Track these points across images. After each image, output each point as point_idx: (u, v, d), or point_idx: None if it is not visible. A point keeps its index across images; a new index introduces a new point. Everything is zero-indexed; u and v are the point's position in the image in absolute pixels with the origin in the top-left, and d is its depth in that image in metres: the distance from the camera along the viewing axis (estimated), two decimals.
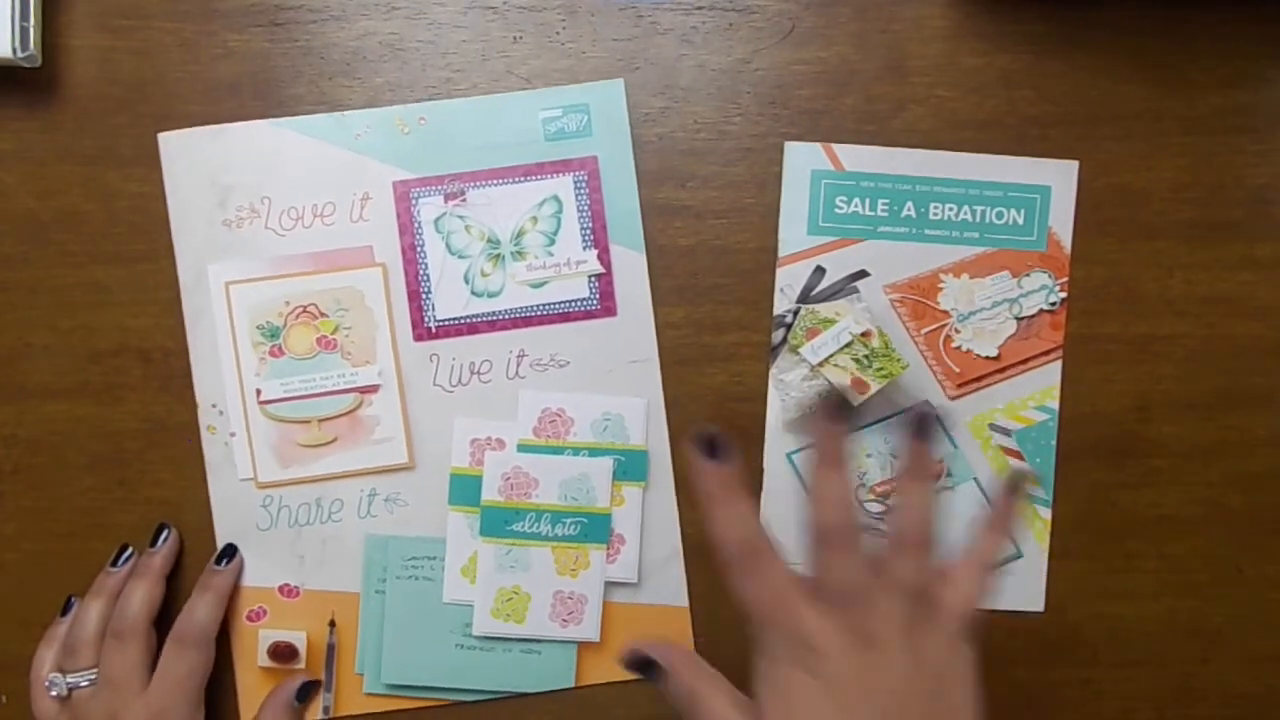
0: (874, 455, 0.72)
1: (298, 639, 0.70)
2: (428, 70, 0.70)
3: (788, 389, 0.71)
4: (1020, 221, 0.71)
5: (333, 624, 0.71)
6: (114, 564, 0.70)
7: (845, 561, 0.52)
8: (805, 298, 0.71)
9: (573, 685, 0.71)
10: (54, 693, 0.67)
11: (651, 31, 0.71)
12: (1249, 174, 0.72)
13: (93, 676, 0.67)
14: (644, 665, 0.55)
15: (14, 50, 0.66)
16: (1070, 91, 0.71)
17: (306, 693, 0.70)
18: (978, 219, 0.71)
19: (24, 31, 0.67)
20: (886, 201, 0.71)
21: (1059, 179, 0.71)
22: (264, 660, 0.70)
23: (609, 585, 0.71)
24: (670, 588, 0.72)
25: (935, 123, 0.71)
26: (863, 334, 0.69)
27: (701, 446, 0.53)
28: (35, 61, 0.68)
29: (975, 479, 0.72)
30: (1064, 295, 0.71)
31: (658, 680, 0.55)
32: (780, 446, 0.72)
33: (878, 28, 0.71)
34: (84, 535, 0.71)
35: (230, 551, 0.70)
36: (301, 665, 0.71)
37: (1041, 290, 0.71)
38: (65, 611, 0.71)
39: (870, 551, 0.53)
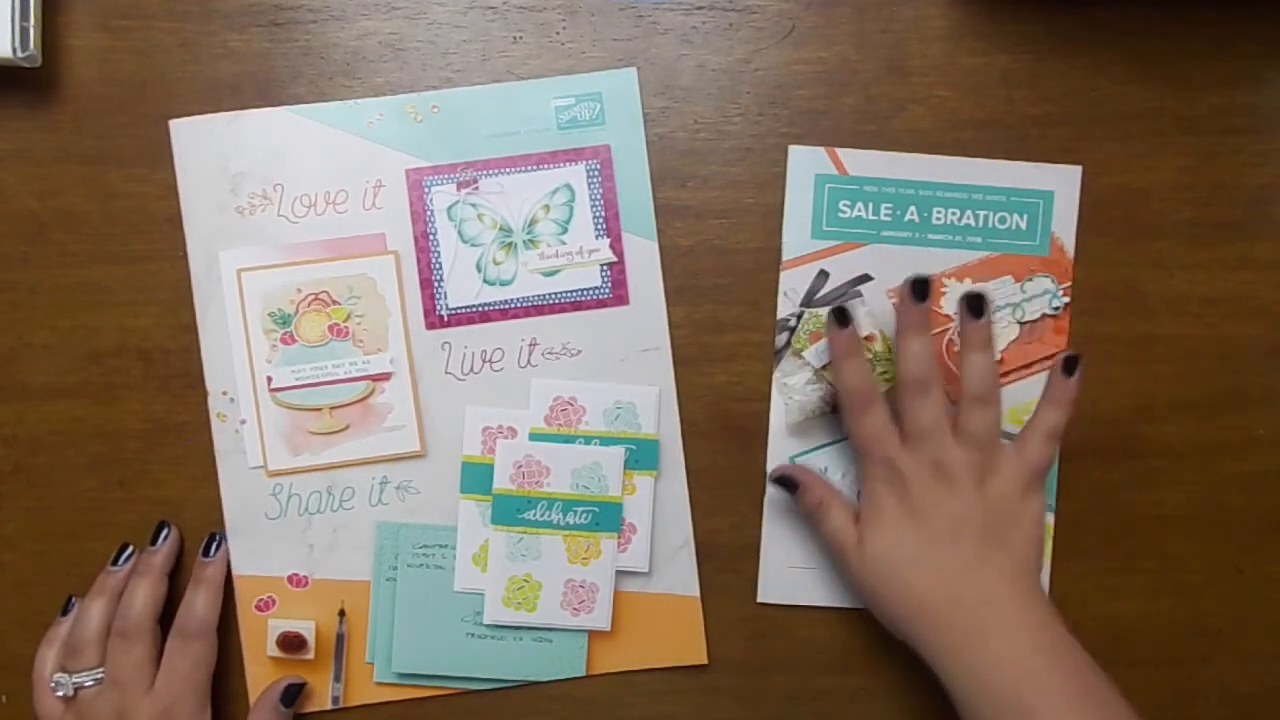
0: None
1: (306, 629, 0.70)
2: (428, 70, 0.70)
3: (791, 393, 0.71)
4: (1023, 226, 0.71)
5: (342, 613, 0.71)
6: (115, 563, 0.70)
7: (926, 405, 0.66)
8: (809, 301, 0.71)
9: (584, 674, 0.72)
10: (60, 693, 0.67)
11: (651, 31, 0.71)
12: (1249, 174, 0.72)
13: (98, 676, 0.67)
14: (787, 482, 0.70)
15: (14, 50, 0.66)
16: (1070, 91, 0.71)
17: (292, 696, 0.70)
18: (980, 224, 0.71)
19: (24, 31, 0.67)
20: (890, 206, 0.71)
21: (1062, 184, 0.71)
22: (273, 650, 0.70)
23: (620, 574, 0.71)
24: (681, 577, 0.72)
25: (935, 123, 0.71)
26: (866, 338, 0.69)
27: (831, 317, 0.67)
28: (35, 61, 0.68)
29: None
30: (1067, 300, 0.71)
31: (795, 493, 0.70)
32: (784, 449, 0.72)
33: (878, 28, 0.71)
34: (84, 535, 0.71)
35: (216, 541, 0.71)
36: (310, 655, 0.71)
37: (1045, 295, 0.71)
38: (65, 611, 0.71)
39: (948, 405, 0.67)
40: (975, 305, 0.66)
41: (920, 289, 0.66)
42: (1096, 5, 0.71)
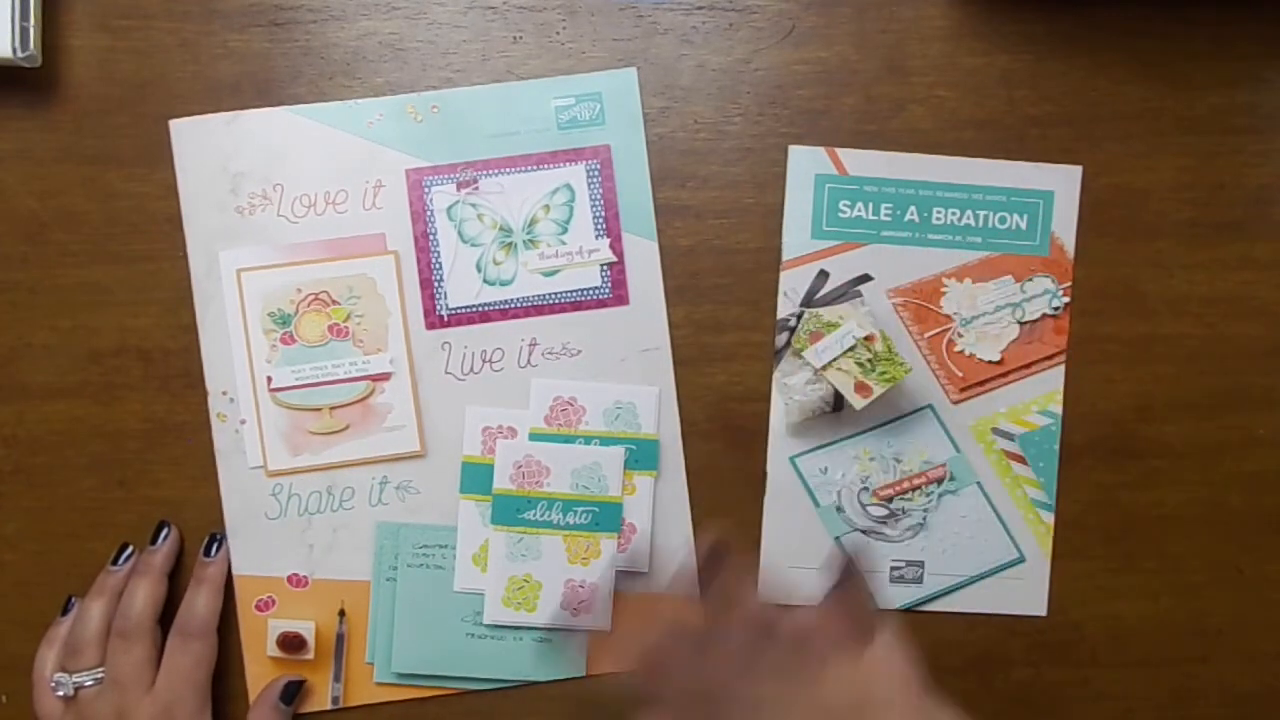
0: (877, 459, 0.72)
1: (306, 629, 0.70)
2: (428, 70, 0.70)
3: (791, 393, 0.71)
4: (1023, 226, 0.71)
5: (342, 613, 0.71)
6: (114, 563, 0.70)
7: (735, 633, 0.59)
8: (809, 301, 0.71)
9: (583, 674, 0.72)
10: (60, 693, 0.67)
11: (651, 31, 0.71)
12: (1249, 174, 0.72)
13: (99, 676, 0.67)
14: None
15: (14, 50, 0.66)
16: (1070, 91, 0.71)
17: (292, 694, 0.70)
18: (980, 224, 0.71)
19: (24, 31, 0.67)
20: (890, 206, 0.71)
21: (1062, 184, 0.71)
22: (273, 650, 0.70)
23: (620, 574, 0.71)
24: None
25: (935, 123, 0.71)
26: (866, 338, 0.69)
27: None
28: (35, 61, 0.68)
29: (978, 483, 0.72)
30: (1067, 300, 0.71)
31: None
32: (783, 450, 0.72)
33: (878, 28, 0.71)
34: (84, 535, 0.71)
35: (218, 541, 0.71)
36: (310, 655, 0.71)
37: (1045, 295, 0.71)
38: (65, 611, 0.70)
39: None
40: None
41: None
42: (1096, 5, 0.71)
